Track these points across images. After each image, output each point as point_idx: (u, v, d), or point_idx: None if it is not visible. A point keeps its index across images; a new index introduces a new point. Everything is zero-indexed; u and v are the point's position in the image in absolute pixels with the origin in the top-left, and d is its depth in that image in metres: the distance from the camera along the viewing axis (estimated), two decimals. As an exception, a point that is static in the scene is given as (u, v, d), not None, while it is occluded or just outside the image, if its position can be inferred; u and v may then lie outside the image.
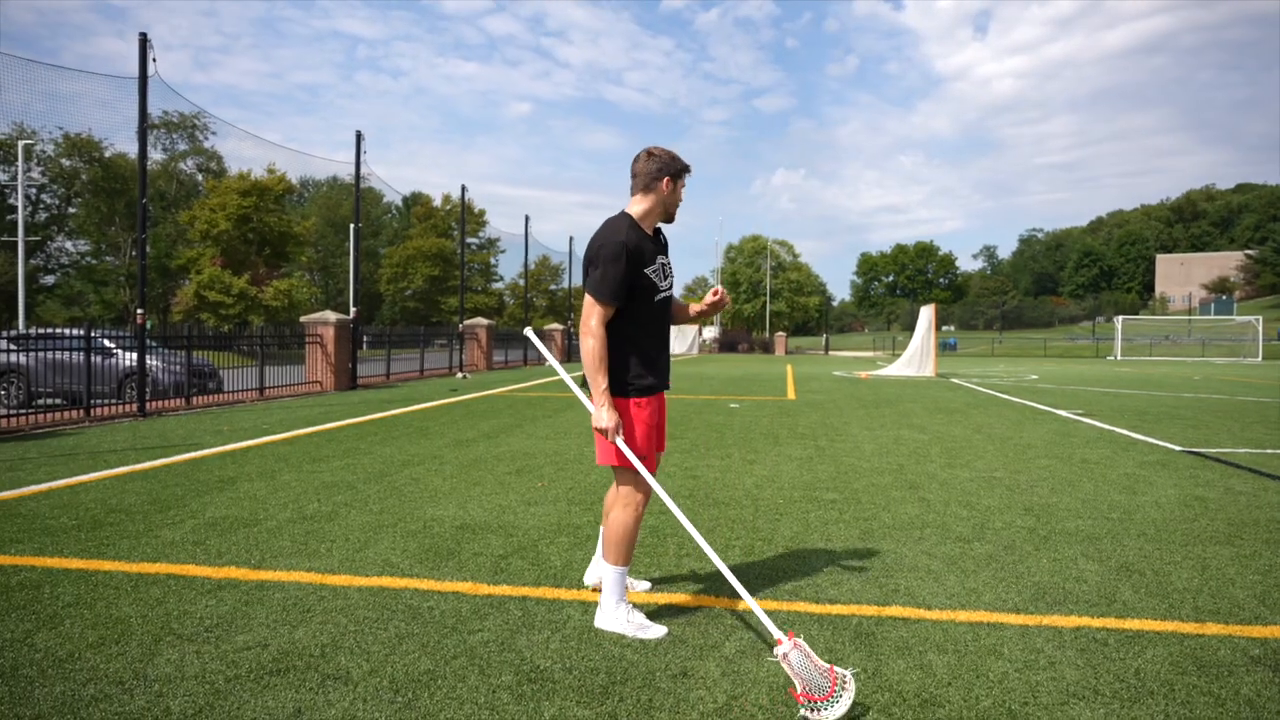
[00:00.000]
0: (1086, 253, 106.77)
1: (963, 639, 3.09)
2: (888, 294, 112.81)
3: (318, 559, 4.03)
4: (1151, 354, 53.23)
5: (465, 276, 28.91)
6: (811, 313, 67.41)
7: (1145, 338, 60.47)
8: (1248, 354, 48.58)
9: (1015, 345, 65.22)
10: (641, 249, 3.14)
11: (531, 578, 3.78)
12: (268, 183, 41.96)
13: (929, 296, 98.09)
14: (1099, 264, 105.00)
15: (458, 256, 52.56)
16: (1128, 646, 3.03)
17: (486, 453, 7.51)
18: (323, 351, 15.25)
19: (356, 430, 9.08)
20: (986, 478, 6.46)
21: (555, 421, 10.19)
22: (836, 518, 5.06)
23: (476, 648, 2.96)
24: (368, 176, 17.38)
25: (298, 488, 5.77)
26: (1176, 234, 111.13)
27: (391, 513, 5.05)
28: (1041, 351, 58.06)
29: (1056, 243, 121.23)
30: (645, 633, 3.10)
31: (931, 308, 24.09)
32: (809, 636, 3.10)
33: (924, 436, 9.01)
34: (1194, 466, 7.04)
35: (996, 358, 48.42)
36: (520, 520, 4.89)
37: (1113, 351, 51.61)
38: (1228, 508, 5.40)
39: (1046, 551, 4.31)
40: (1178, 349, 56.72)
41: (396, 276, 62.38)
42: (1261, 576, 3.90)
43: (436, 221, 64.31)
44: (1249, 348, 49.53)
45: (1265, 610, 3.43)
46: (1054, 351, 57.97)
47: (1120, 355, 49.44)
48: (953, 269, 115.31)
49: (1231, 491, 5.95)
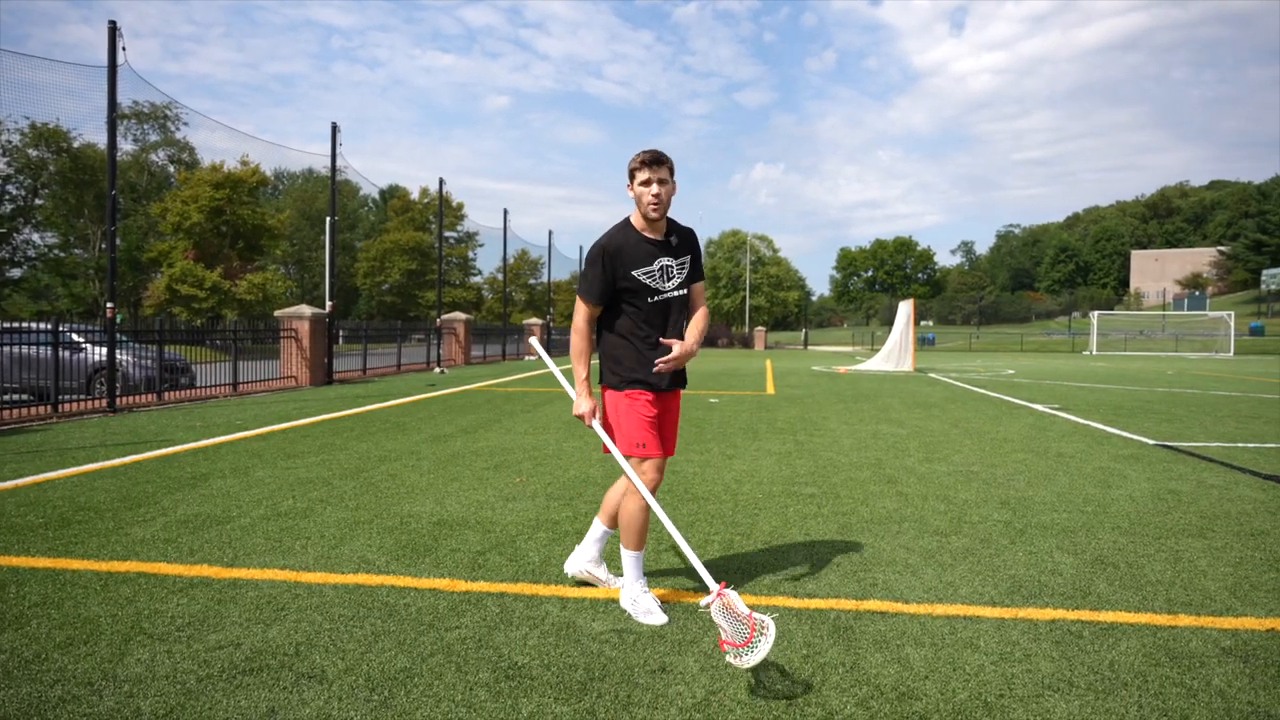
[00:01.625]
0: (1063, 248, 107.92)
1: (940, 632, 3.12)
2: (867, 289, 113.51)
3: (292, 556, 3.99)
4: (1126, 349, 53.93)
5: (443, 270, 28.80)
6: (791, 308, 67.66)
7: (1120, 333, 61.27)
8: (1220, 349, 49.36)
9: (992, 340, 65.87)
10: (624, 251, 3.24)
11: (509, 574, 3.76)
12: (241, 175, 41.44)
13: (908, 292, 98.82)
14: (1075, 260, 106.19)
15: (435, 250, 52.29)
16: (1102, 639, 3.07)
17: (464, 448, 7.47)
18: (298, 346, 15.13)
19: (332, 426, 9.01)
20: (964, 472, 6.52)
21: (534, 417, 10.17)
22: (815, 512, 5.08)
23: (453, 645, 2.95)
24: (343, 169, 17.23)
25: (272, 484, 5.72)
26: (1151, 230, 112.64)
27: (367, 509, 5.01)
28: (1018, 346, 58.67)
29: (1033, 238, 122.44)
30: (646, 618, 3.19)
31: (910, 303, 24.26)
32: (787, 630, 3.11)
33: (902, 431, 9.07)
34: (1167, 460, 7.14)
35: (974, 353, 48.86)
36: (498, 516, 4.87)
37: (1088, 346, 52.25)
38: (1200, 501, 5.48)
39: (1022, 545, 4.36)
40: (1152, 344, 57.52)
41: (373, 270, 61.89)
42: (1232, 569, 3.96)
43: (414, 215, 63.84)
44: (1221, 343, 50.32)
45: (1236, 602, 3.48)
46: (1030, 346, 58.60)
47: (1096, 350, 50.05)
48: (931, 264, 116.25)
49: (1204, 485, 6.04)
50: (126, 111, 44.43)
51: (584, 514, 4.95)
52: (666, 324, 3.33)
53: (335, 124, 16.32)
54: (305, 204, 68.04)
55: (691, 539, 4.39)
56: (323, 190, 66.60)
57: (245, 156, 43.13)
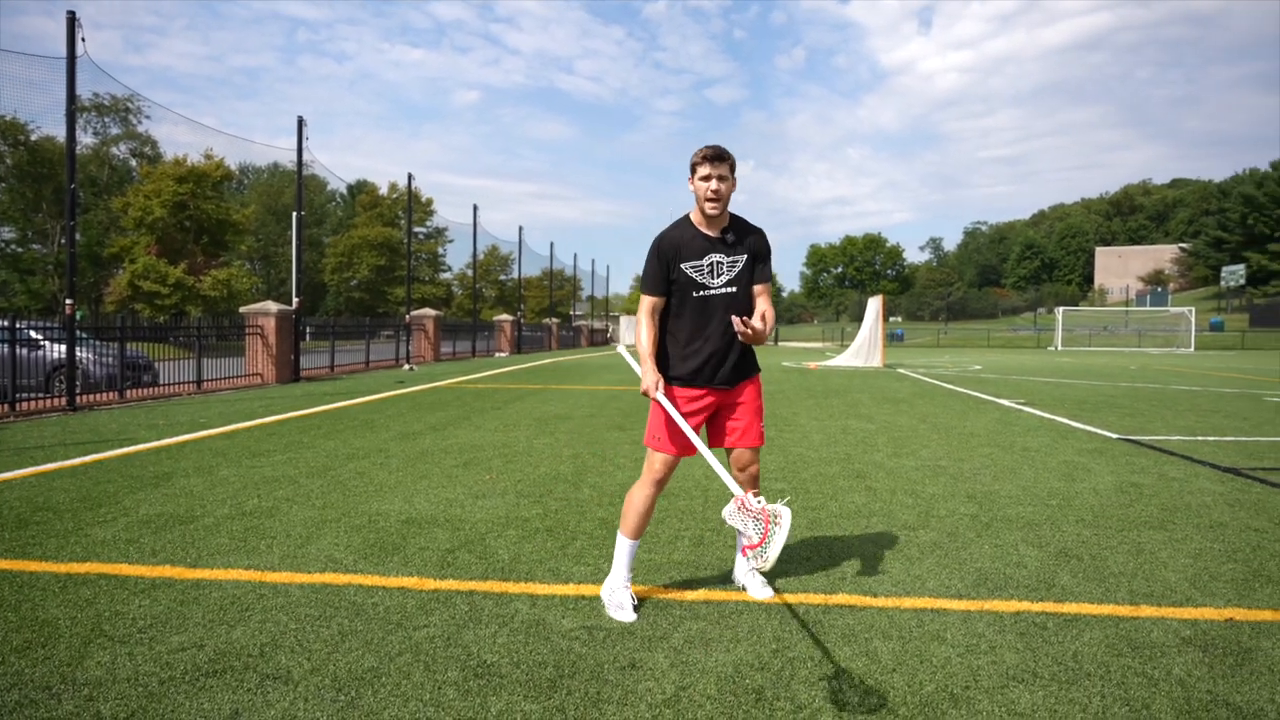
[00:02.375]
0: (1029, 245, 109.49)
1: (907, 625, 3.15)
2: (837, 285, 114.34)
3: (257, 556, 3.94)
4: (1090, 344, 54.84)
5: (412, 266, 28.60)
6: (762, 304, 67.86)
7: (1085, 328, 62.32)
8: (1181, 344, 50.38)
9: (960, 336, 66.67)
10: (678, 245, 3.28)
11: (479, 571, 3.75)
12: (205, 169, 40.76)
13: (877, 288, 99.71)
14: (1041, 256, 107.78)
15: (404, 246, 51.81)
16: (1065, 630, 3.12)
17: (433, 445, 7.43)
18: (264, 343, 14.95)
19: (299, 424, 8.91)
20: (931, 466, 6.59)
21: (504, 414, 10.12)
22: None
23: (422, 644, 2.93)
24: (310, 163, 17.02)
25: (237, 483, 5.64)
26: (1115, 227, 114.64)
27: (335, 507, 4.96)
28: (985, 342, 59.45)
29: (1000, 235, 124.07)
30: (616, 613, 3.23)
31: (879, 299, 24.48)
32: (756, 625, 3.13)
33: (871, 426, 9.16)
34: (1130, 454, 7.27)
35: (942, 348, 49.43)
36: (467, 514, 4.85)
37: (1053, 342, 53.07)
38: (1161, 493, 5.59)
39: (988, 538, 4.42)
40: (1115, 339, 58.57)
41: (341, 266, 61.23)
42: (1192, 560, 4.04)
43: (382, 210, 63.26)
44: (1182, 338, 51.36)
45: (1195, 592, 3.56)
46: (997, 342, 59.39)
47: (1061, 346, 50.86)
48: (900, 261, 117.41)
49: (1165, 477, 6.16)
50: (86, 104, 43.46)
51: (554, 511, 4.94)
52: (712, 321, 3.30)
53: (301, 118, 16.11)
54: (271, 199, 67.12)
55: (662, 535, 4.40)
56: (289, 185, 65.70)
57: (209, 150, 42.47)
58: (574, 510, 4.98)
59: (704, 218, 3.29)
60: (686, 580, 3.65)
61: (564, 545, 4.21)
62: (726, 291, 3.31)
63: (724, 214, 3.30)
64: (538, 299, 58.97)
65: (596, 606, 3.32)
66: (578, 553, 4.07)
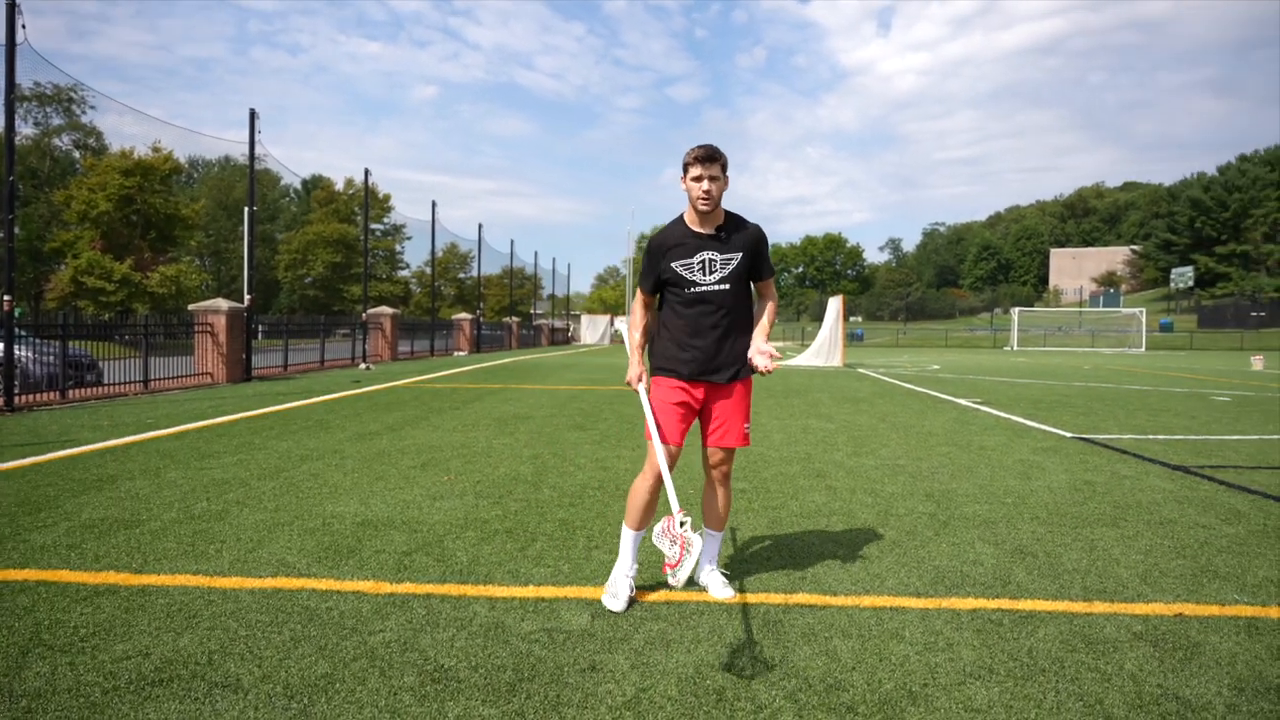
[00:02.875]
0: (985, 246, 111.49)
1: (866, 624, 3.18)
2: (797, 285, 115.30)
3: (206, 561, 3.86)
4: (1046, 344, 56.03)
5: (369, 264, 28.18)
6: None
7: (1040, 329, 63.68)
8: (1133, 344, 51.71)
9: (919, 336, 67.69)
10: (668, 244, 3.40)
11: (436, 574, 3.71)
12: (153, 162, 39.80)
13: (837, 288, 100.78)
14: (997, 257, 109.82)
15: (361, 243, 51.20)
16: (1021, 626, 3.18)
17: (390, 446, 7.34)
18: (214, 341, 14.69)
19: (250, 424, 8.75)
20: (891, 465, 6.68)
21: (463, 414, 10.05)
22: (745, 507, 5.14)
23: (377, 649, 2.89)
24: (263, 157, 16.73)
25: (185, 486, 5.52)
26: (1069, 229, 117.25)
27: (288, 510, 4.88)
28: (943, 342, 60.44)
29: (958, 236, 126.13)
30: (607, 601, 3.34)
31: (840, 299, 24.73)
32: (716, 626, 3.14)
33: (831, 425, 9.25)
34: (1083, 452, 7.44)
35: (901, 348, 50.14)
36: (425, 515, 4.80)
37: (1010, 342, 54.14)
38: (1114, 491, 5.73)
39: (946, 536, 4.48)
40: (1070, 340, 59.90)
41: (295, 263, 60.25)
42: (1143, 556, 4.15)
43: (338, 206, 62.37)
44: (1134, 338, 52.74)
45: (1146, 589, 3.65)
46: (955, 342, 60.42)
47: (1016, 346, 51.90)
48: (860, 261, 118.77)
49: (1117, 475, 6.31)
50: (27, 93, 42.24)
51: (514, 512, 4.91)
52: (704, 316, 3.39)
53: (254, 111, 15.82)
54: (222, 193, 65.85)
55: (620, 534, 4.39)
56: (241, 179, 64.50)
57: (157, 143, 41.44)
58: (534, 511, 4.96)
59: (697, 216, 3.38)
60: (647, 581, 3.65)
61: (523, 547, 4.18)
62: (720, 289, 3.39)
63: (717, 212, 3.38)
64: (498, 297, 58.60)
65: (556, 608, 3.30)
66: (537, 554, 4.05)
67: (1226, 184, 78.92)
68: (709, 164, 3.29)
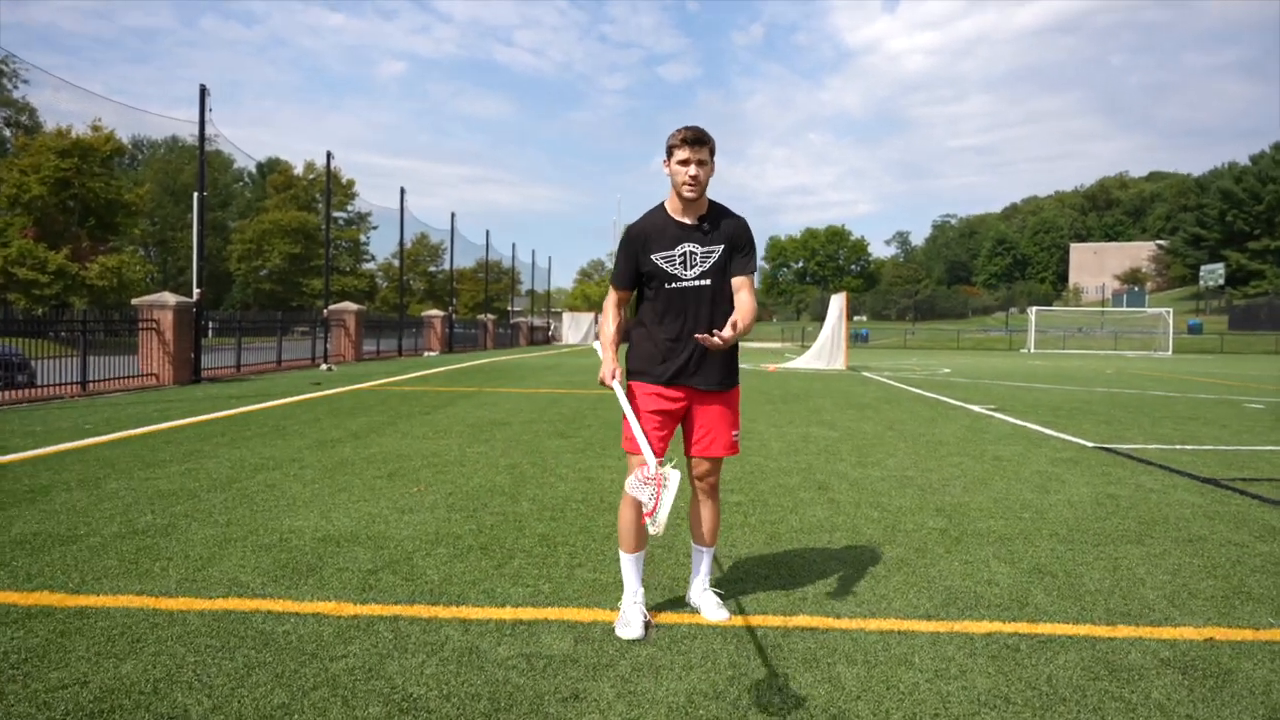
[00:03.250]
0: (1000, 240, 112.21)
1: (872, 648, 3.19)
2: (797, 281, 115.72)
3: (151, 580, 3.83)
4: (1065, 347, 56.42)
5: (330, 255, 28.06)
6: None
7: (1059, 330, 64.13)
8: (1159, 347, 52.17)
9: (928, 337, 68.03)
10: (648, 235, 3.36)
11: (405, 594, 3.70)
12: (92, 142, 39.56)
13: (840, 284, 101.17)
14: (1013, 252, 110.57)
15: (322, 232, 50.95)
16: (1040, 652, 3.20)
17: (354, 454, 7.32)
18: (160, 339, 14.61)
19: (199, 430, 8.71)
20: (898, 477, 6.71)
21: (434, 419, 10.02)
22: (741, 521, 5.15)
23: (340, 676, 2.88)
24: (214, 138, 16.65)
25: (127, 497, 5.48)
26: (1090, 222, 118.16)
27: (241, 524, 4.85)
28: (955, 344, 60.79)
29: (970, 229, 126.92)
30: (620, 630, 3.29)
31: (843, 296, 24.85)
32: (710, 651, 3.14)
33: (834, 434, 9.28)
34: (1106, 463, 7.50)
35: (909, 350, 50.39)
36: (392, 530, 4.78)
37: (1026, 344, 54.51)
38: (1138, 506, 5.78)
39: (958, 554, 4.51)
40: (1091, 342, 60.34)
41: (249, 254, 60.02)
42: (1171, 576, 4.18)
43: (297, 192, 62.18)
44: (1160, 340, 53.20)
45: (1174, 611, 3.68)
46: (967, 344, 60.77)
47: (1034, 348, 52.26)
48: (865, 255, 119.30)
49: (1142, 489, 6.36)
50: (-47, 65, 41.89)
51: (490, 527, 4.90)
52: (685, 315, 3.36)
53: (204, 87, 15.74)
54: (169, 177, 65.52)
55: (607, 552, 4.40)
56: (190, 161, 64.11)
57: (97, 121, 41.23)
58: (511, 526, 4.95)
59: (680, 204, 3.34)
60: (648, 601, 3.64)
61: (500, 564, 4.17)
62: (700, 284, 3.35)
63: (701, 200, 3.34)
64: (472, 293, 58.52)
65: (536, 632, 3.30)
66: (515, 573, 4.04)
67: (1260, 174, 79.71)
68: (697, 147, 3.24)
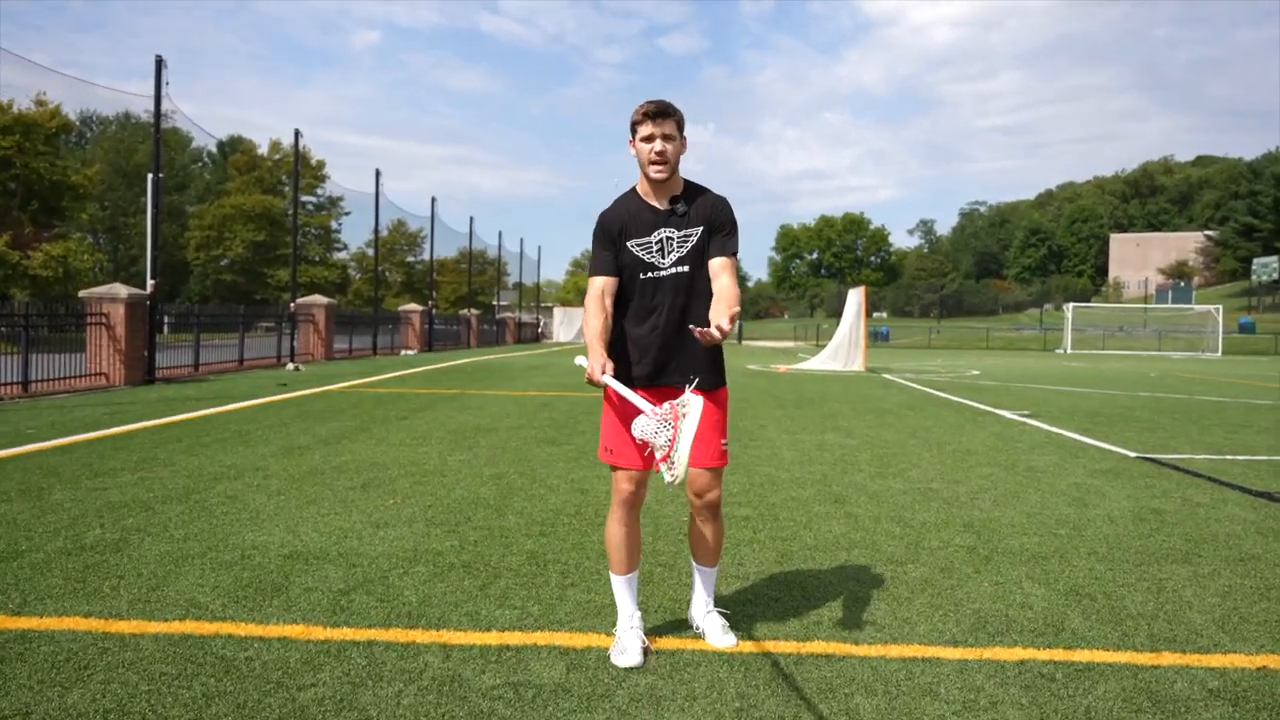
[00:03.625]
0: (1034, 230, 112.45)
1: (894, 678, 3.19)
2: (811, 274, 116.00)
3: (100, 600, 3.83)
4: (1104, 347, 56.51)
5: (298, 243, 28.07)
6: (723, 295, 68.64)
7: (1097, 328, 64.26)
8: (1207, 348, 52.24)
9: (955, 335, 68.11)
10: (623, 222, 3.37)
11: (380, 617, 3.69)
12: (36, 117, 39.56)
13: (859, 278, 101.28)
14: (1048, 243, 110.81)
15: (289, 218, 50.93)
16: (1077, 681, 3.20)
17: (324, 463, 7.32)
18: (110, 335, 14.60)
19: (154, 435, 8.70)
20: (922, 489, 6.71)
21: (412, 424, 10.02)
22: (750, 538, 5.15)
23: (308, 706, 2.88)
24: (171, 114, 16.65)
25: (74, 510, 5.48)
26: (1132, 211, 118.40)
27: (199, 539, 4.85)
28: (984, 343, 60.86)
29: (1001, 218, 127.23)
30: (616, 658, 3.28)
31: (861, 291, 24.88)
32: (716, 680, 3.14)
33: (852, 442, 9.29)
34: (1149, 475, 7.50)
35: (934, 350, 50.44)
36: (366, 547, 4.78)
37: (1062, 344, 54.59)
38: (1185, 521, 5.78)
39: (988, 574, 4.51)
40: (1133, 341, 60.43)
41: (209, 242, 59.98)
42: (1220, 599, 4.18)
43: (262, 174, 62.17)
44: (1208, 340, 53.26)
45: (1224, 637, 3.68)
46: (997, 343, 60.84)
47: (1070, 348, 52.33)
48: (886, 246, 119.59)
49: (1189, 503, 6.37)
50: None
51: (473, 543, 4.90)
52: (662, 308, 3.36)
53: (160, 58, 15.74)
54: (121, 157, 65.43)
55: (601, 572, 4.39)
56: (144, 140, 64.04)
57: (41, 94, 41.17)
58: (497, 542, 4.95)
59: (649, 185, 3.35)
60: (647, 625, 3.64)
61: (484, 585, 4.17)
62: (678, 272, 3.36)
63: (673, 180, 3.35)
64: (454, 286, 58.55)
65: (524, 658, 3.30)
66: (501, 593, 4.04)
67: (1319, 159, 79.84)
68: (661, 120, 3.25)
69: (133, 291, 15.06)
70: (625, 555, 3.43)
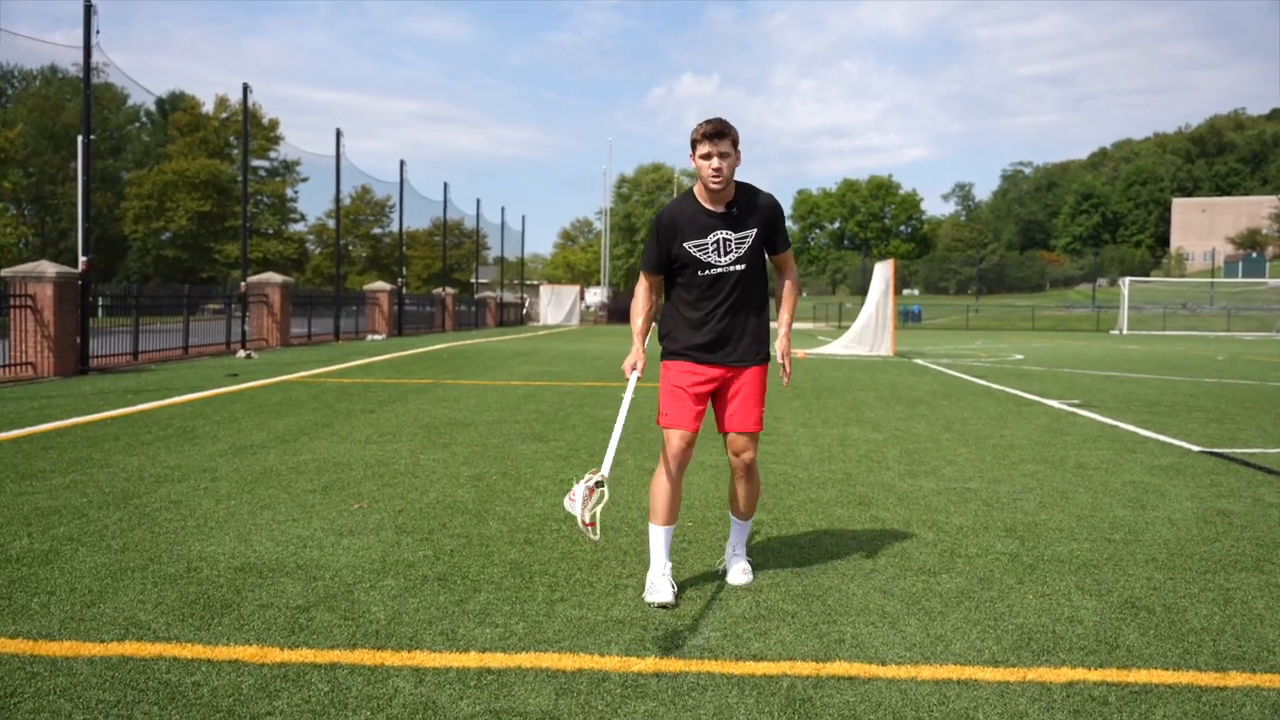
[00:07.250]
0: (1086, 195, 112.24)
1: (926, 702, 3.20)
2: (833, 246, 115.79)
3: (28, 619, 3.84)
4: (1165, 327, 56.49)
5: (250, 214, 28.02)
6: (732, 270, 68.67)
7: (1158, 306, 64.22)
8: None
9: (995, 315, 68.10)
10: (677, 223, 4.30)
11: (344, 637, 3.71)
12: (-49, 73, 39.50)
13: (886, 250, 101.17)
14: (1101, 210, 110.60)
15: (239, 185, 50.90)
16: (1133, 704, 3.21)
17: (280, 463, 7.33)
18: (36, 320, 14.59)
19: (88, 433, 8.71)
20: (958, 489, 6.73)
21: (379, 418, 10.03)
22: (763, 545, 5.16)
23: (263, 738, 2.88)
24: (103, 67, 16.61)
25: (-2, 516, 5.49)
26: (1198, 172, 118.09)
27: (140, 550, 4.86)
28: (1029, 324, 60.85)
29: (1049, 181, 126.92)
30: (650, 596, 4.17)
31: (889, 265, 24.83)
32: (725, 705, 3.15)
33: (878, 436, 9.30)
34: (1215, 472, 7.52)
35: (972, 331, 50.45)
36: (328, 557, 4.79)
37: (1117, 324, 54.56)
38: (1256, 524, 5.79)
39: (1032, 584, 4.52)
40: (1198, 320, 60.43)
41: (149, 213, 59.90)
42: (1295, 610, 4.20)
43: (207, 135, 62.04)
44: (1283, 319, 53.20)
45: (1299, 653, 3.69)
46: (1044, 323, 60.83)
47: (1126, 329, 52.32)
48: (917, 214, 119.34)
49: (1261, 504, 6.38)
50: None
51: (449, 553, 4.91)
52: (719, 298, 4.32)
53: (90, 3, 15.66)
54: (46, 117, 65.16)
55: (597, 584, 4.41)
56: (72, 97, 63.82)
57: (-44, 47, 41.01)
58: (476, 551, 4.96)
59: (707, 193, 4.26)
60: (631, 644, 3.66)
61: (462, 600, 4.18)
62: (735, 270, 4.30)
63: (729, 188, 4.25)
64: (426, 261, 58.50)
65: (507, 682, 3.31)
66: (481, 609, 4.05)
67: None
68: (718, 140, 4.12)
69: (62, 270, 15.01)
70: (667, 506, 4.31)
